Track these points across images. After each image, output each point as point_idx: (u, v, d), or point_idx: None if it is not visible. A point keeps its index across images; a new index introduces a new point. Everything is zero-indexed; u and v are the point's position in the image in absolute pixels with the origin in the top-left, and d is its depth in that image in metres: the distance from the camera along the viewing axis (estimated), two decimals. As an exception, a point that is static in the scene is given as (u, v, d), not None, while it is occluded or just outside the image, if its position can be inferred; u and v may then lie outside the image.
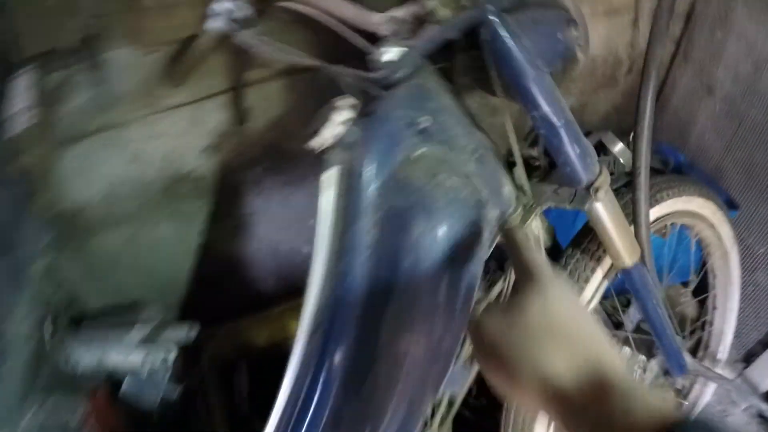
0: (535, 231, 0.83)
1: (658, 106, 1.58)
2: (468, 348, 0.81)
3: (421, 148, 0.65)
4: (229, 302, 1.30)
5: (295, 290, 1.29)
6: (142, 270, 1.18)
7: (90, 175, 1.06)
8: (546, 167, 0.83)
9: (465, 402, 1.24)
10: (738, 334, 1.44)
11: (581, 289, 0.91)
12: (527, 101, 0.68)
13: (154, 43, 0.97)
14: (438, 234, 0.62)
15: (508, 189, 0.75)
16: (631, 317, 1.13)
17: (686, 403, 1.36)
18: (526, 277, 0.50)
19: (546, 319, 0.45)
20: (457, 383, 0.81)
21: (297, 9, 0.86)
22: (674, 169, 1.37)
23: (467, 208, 0.66)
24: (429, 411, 0.86)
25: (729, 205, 1.33)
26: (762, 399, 1.43)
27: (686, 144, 1.48)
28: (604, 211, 0.77)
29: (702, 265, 1.27)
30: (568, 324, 0.45)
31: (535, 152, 0.84)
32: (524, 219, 0.77)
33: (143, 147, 1.05)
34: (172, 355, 1.05)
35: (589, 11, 1.24)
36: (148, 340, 1.06)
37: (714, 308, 1.31)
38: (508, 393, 0.47)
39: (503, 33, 0.65)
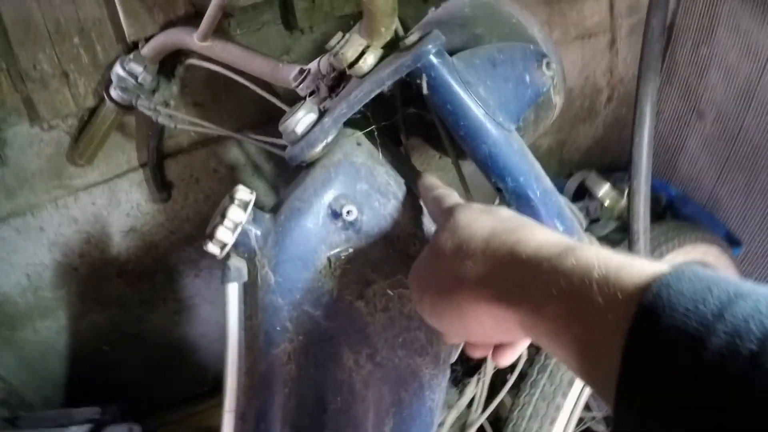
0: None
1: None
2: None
3: (348, 247, 0.46)
4: (180, 388, 1.09)
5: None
6: (76, 359, 0.98)
7: (6, 264, 0.87)
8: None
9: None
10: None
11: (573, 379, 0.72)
12: (489, 171, 0.49)
13: (52, 117, 0.79)
14: (372, 365, 0.43)
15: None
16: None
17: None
18: (439, 218, 0.43)
19: (456, 240, 0.38)
20: None
21: (208, 67, 0.68)
22: (666, 207, 1.18)
23: (413, 330, 0.47)
24: None
25: (730, 241, 1.14)
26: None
27: (676, 174, 1.30)
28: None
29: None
30: (478, 232, 0.37)
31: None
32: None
33: (61, 232, 0.86)
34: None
35: (561, 37, 1.06)
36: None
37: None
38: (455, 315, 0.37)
39: (449, 81, 0.46)
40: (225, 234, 0.43)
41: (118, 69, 0.72)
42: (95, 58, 0.76)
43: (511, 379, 0.69)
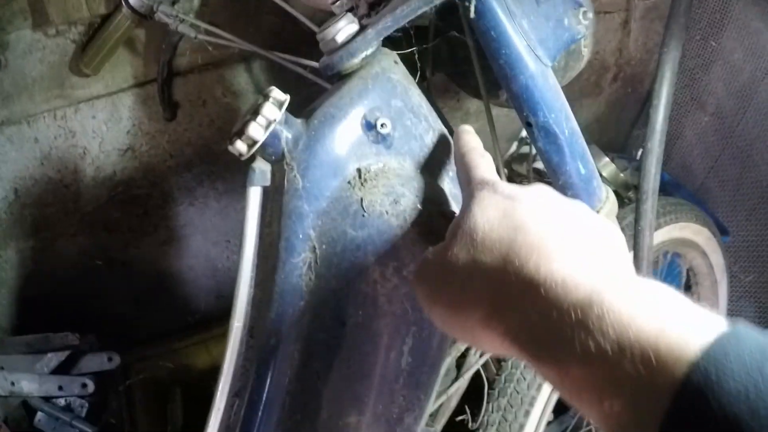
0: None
1: (642, 117, 1.43)
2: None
3: (379, 160, 0.46)
4: (163, 322, 1.08)
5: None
6: (58, 284, 0.96)
7: (-7, 173, 0.85)
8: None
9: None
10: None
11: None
12: (523, 104, 0.49)
13: (62, 21, 0.76)
14: (395, 281, 0.43)
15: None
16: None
17: None
18: (463, 189, 0.39)
19: (471, 253, 0.32)
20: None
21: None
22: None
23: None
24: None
25: (721, 230, 1.18)
26: None
27: (670, 160, 1.33)
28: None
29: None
30: (496, 246, 0.32)
31: (525, 167, 0.66)
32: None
33: (55, 145, 0.84)
34: (90, 386, 0.86)
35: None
36: (63, 369, 0.87)
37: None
38: (468, 336, 0.34)
39: (496, 9, 0.46)
40: (257, 130, 0.42)
41: (138, -26, 0.69)
42: (112, -36, 0.73)
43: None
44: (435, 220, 0.45)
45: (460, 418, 0.79)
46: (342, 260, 0.43)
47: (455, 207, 0.48)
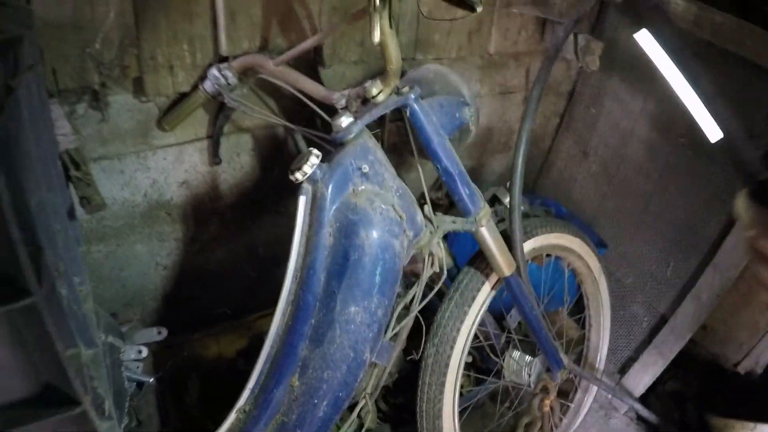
0: (438, 251, 1.30)
1: (545, 167, 2.16)
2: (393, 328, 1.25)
3: (363, 184, 1.10)
4: (185, 317, 1.68)
5: (243, 311, 1.71)
6: (117, 282, 1.56)
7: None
8: (447, 205, 1.30)
9: (385, 399, 1.69)
10: (614, 350, 1.97)
11: (473, 297, 1.38)
12: (434, 157, 1.16)
13: (153, 94, 1.39)
14: (375, 238, 1.07)
15: (420, 218, 1.21)
16: (513, 319, 1.62)
17: (571, 405, 1.85)
18: None
19: None
20: (384, 356, 1.23)
21: (273, 82, 1.32)
22: (556, 217, 1.90)
23: (394, 225, 1.11)
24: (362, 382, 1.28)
25: (599, 244, 1.87)
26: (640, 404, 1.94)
27: (568, 199, 2.04)
28: (487, 233, 1.26)
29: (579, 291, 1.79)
30: None
31: (440, 194, 1.32)
32: (430, 239, 1.24)
33: (134, 176, 1.45)
34: (144, 351, 1.44)
35: (489, 91, 1.80)
36: (127, 337, 1.44)
37: (590, 326, 1.82)
38: None
39: (420, 112, 1.13)
40: (308, 167, 1.06)
41: (214, 71, 1.34)
42: (194, 61, 1.37)
43: (438, 286, 1.33)
44: (390, 210, 1.10)
45: (409, 357, 1.42)
46: (346, 229, 1.07)
47: (402, 211, 1.13)
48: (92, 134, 1.38)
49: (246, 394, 1.08)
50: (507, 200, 1.75)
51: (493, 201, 1.76)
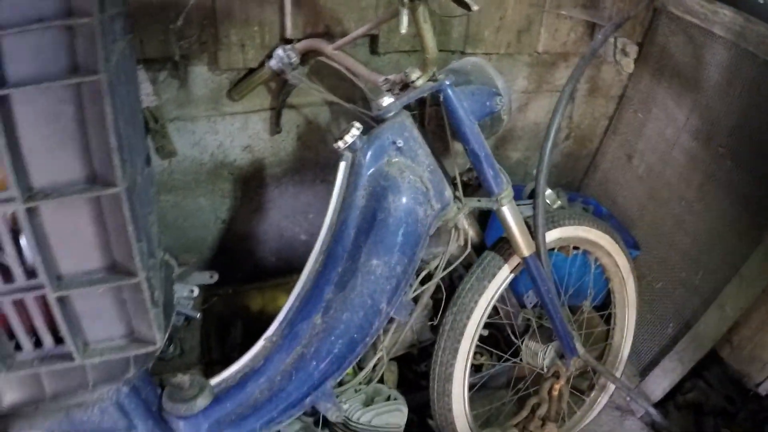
0: (464, 226, 1.47)
1: (591, 168, 2.29)
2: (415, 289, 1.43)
3: (396, 157, 1.30)
4: (237, 269, 1.92)
5: (289, 270, 1.94)
6: (179, 230, 1.81)
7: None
8: (476, 185, 1.47)
9: (408, 366, 1.87)
10: (637, 353, 2.09)
11: (494, 274, 1.55)
12: (463, 139, 1.34)
13: (228, 67, 1.63)
14: (401, 203, 1.26)
15: (448, 193, 1.39)
16: (530, 299, 1.77)
17: (586, 399, 1.98)
18: None
19: None
20: (402, 312, 1.42)
21: (329, 63, 1.53)
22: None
23: (420, 194, 1.30)
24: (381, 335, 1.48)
25: (633, 246, 1.99)
26: (654, 409, 2.05)
27: (611, 200, 2.16)
28: (508, 213, 1.43)
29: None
30: None
31: (471, 175, 1.49)
32: (457, 214, 1.42)
33: (204, 137, 1.70)
34: (196, 291, 1.67)
35: (536, 88, 1.95)
36: (182, 277, 1.69)
37: (614, 324, 1.95)
38: None
39: (453, 98, 1.31)
40: (349, 138, 1.26)
41: (279, 51, 1.56)
42: (263, 41, 1.60)
43: (463, 255, 1.50)
44: (418, 181, 1.29)
45: (429, 323, 1.61)
46: (377, 193, 1.27)
47: (430, 184, 1.32)
48: (170, 98, 1.63)
49: (275, 325, 1.30)
50: (549, 196, 1.90)
51: (532, 194, 1.91)
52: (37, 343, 0.95)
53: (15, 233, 0.84)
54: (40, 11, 0.70)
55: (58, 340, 0.94)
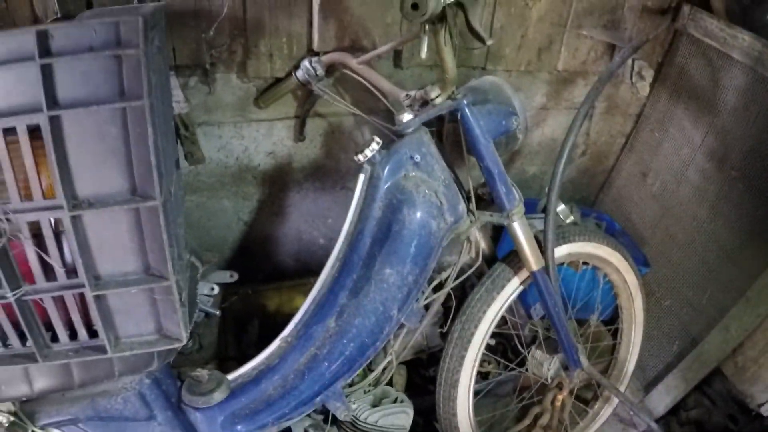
0: (476, 238, 1.54)
1: (606, 185, 2.35)
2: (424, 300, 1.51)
3: (413, 171, 1.37)
4: (256, 269, 2.01)
5: (307, 272, 2.03)
6: (203, 230, 1.90)
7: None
8: (489, 200, 1.54)
9: (417, 371, 1.95)
10: (643, 368, 2.14)
11: (503, 286, 1.61)
12: (477, 156, 1.41)
13: (256, 76, 1.71)
14: (416, 216, 1.33)
15: (461, 207, 1.46)
16: (537, 312, 1.84)
17: (590, 411, 2.04)
18: None
19: None
20: (412, 319, 1.49)
21: (354, 77, 1.61)
22: (606, 231, 2.09)
23: (434, 208, 1.37)
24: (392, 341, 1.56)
25: (644, 263, 2.05)
26: (656, 424, 2.10)
27: (625, 217, 2.22)
28: (519, 228, 1.49)
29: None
30: None
31: (485, 190, 1.56)
32: (469, 227, 1.49)
33: (230, 142, 1.79)
34: (216, 289, 1.76)
35: (554, 105, 2.02)
36: (204, 275, 1.77)
37: (621, 339, 2.01)
38: None
39: (470, 116, 1.38)
40: (369, 151, 1.34)
41: (306, 63, 1.64)
42: (291, 52, 1.68)
43: (475, 266, 1.57)
44: (433, 196, 1.36)
45: (439, 329, 1.68)
46: (393, 205, 1.34)
47: (445, 199, 1.39)
48: (199, 103, 1.71)
49: (291, 326, 1.38)
50: (559, 208, 1.96)
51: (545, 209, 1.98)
52: (72, 335, 1.04)
53: (57, 235, 0.93)
54: (91, 41, 0.78)
55: (92, 333, 1.03)
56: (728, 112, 1.91)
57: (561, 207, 1.91)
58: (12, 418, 1.20)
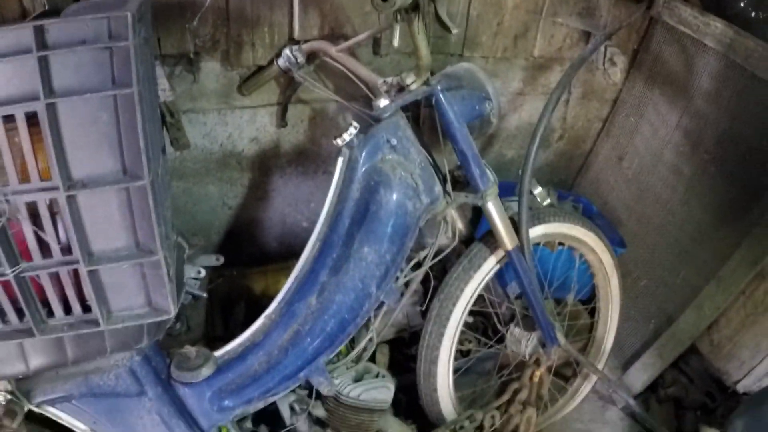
0: (452, 219, 1.65)
1: (584, 168, 2.46)
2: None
3: (390, 154, 1.47)
4: (242, 253, 2.11)
5: (291, 255, 2.13)
6: (189, 215, 2.00)
7: (171, 140, 1.90)
8: (465, 182, 1.65)
9: (399, 350, 2.06)
10: (621, 347, 2.26)
11: (479, 265, 1.72)
12: (452, 140, 1.51)
13: (238, 65, 1.81)
14: (392, 197, 1.43)
15: (437, 188, 1.56)
16: (513, 290, 1.95)
17: (569, 388, 2.16)
18: None
19: None
20: (391, 297, 1.59)
21: (333, 64, 1.70)
22: (583, 214, 2.20)
23: (410, 190, 1.47)
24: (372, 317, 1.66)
25: (620, 244, 2.16)
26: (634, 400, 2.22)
27: (602, 199, 2.34)
28: (493, 209, 1.60)
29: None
30: None
31: (461, 172, 1.66)
32: (446, 208, 1.59)
33: (214, 128, 1.88)
34: (203, 272, 1.85)
35: (531, 91, 2.12)
36: (190, 259, 1.87)
37: (598, 318, 2.12)
38: None
39: (444, 101, 1.48)
40: (347, 136, 1.43)
41: (287, 51, 1.73)
42: (272, 41, 1.77)
43: (451, 246, 1.68)
44: (409, 177, 1.47)
45: (419, 308, 1.79)
46: (370, 187, 1.44)
47: (421, 181, 1.49)
48: (184, 91, 1.80)
49: (274, 304, 1.48)
50: (536, 191, 2.07)
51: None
52: (66, 310, 1.14)
53: (53, 216, 1.03)
54: (84, 35, 0.88)
55: (86, 309, 1.13)
56: (702, 97, 2.02)
57: (538, 189, 2.02)
58: (9, 397, 1.29)
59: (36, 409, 1.32)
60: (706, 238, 2.05)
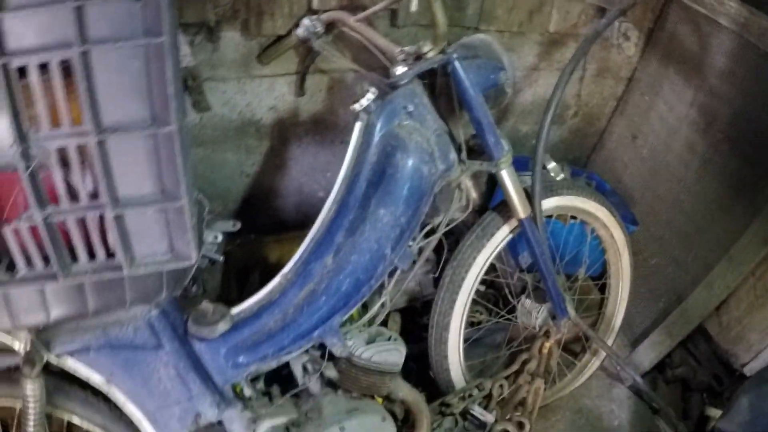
0: (467, 187, 1.69)
1: (598, 146, 2.49)
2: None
3: (406, 120, 1.51)
4: (258, 221, 2.16)
5: (307, 224, 2.18)
6: (207, 181, 2.06)
7: (196, 106, 1.95)
8: (479, 151, 1.69)
9: (412, 319, 2.11)
10: (630, 324, 2.30)
11: (492, 234, 1.77)
12: (467, 107, 1.55)
13: (258, 34, 1.85)
14: (408, 161, 1.48)
15: (452, 156, 1.60)
16: (525, 260, 1.99)
17: (577, 363, 2.20)
18: None
19: None
20: (405, 261, 1.64)
21: (351, 34, 1.75)
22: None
23: (425, 155, 1.51)
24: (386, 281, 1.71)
25: (632, 222, 2.20)
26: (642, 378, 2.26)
27: (615, 177, 2.37)
28: (507, 177, 1.64)
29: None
30: None
31: (476, 141, 1.70)
32: (460, 175, 1.63)
33: (234, 97, 1.93)
34: (220, 237, 1.90)
35: (546, 66, 2.16)
36: (209, 224, 1.92)
37: (608, 294, 2.16)
38: None
39: (460, 69, 1.52)
40: (365, 101, 1.48)
41: (306, 20, 1.78)
42: (291, 11, 1.82)
43: (465, 213, 1.72)
44: (424, 143, 1.51)
45: (432, 275, 1.84)
46: (387, 151, 1.49)
47: (436, 147, 1.53)
48: (204, 60, 1.85)
49: (291, 264, 1.54)
50: (550, 165, 2.11)
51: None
52: (91, 256, 1.19)
53: (81, 163, 1.08)
54: (118, -16, 0.93)
55: (109, 256, 1.18)
56: (715, 76, 2.05)
57: (552, 164, 2.05)
58: (29, 346, 1.35)
59: (54, 361, 1.37)
60: (718, 217, 2.07)
